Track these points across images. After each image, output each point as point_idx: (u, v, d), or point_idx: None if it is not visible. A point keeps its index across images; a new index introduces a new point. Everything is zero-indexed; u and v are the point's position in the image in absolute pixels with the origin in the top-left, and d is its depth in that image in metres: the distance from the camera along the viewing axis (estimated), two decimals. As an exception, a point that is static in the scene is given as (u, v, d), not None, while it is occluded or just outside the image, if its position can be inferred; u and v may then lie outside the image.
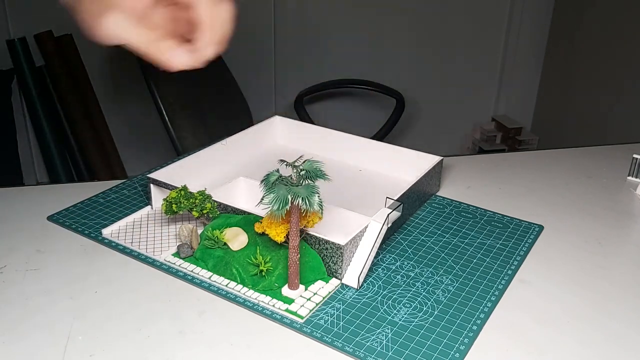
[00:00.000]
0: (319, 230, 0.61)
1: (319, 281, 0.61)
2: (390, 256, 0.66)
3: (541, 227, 0.74)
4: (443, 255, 0.67)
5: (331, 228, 0.66)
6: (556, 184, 0.87)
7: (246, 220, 0.64)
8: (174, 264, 0.64)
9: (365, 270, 0.60)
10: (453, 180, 0.87)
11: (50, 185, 1.75)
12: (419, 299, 0.59)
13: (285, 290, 0.59)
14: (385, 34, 2.40)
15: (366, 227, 0.63)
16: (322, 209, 0.54)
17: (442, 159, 0.81)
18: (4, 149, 2.04)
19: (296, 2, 2.27)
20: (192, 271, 0.62)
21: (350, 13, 2.34)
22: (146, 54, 0.46)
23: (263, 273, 0.59)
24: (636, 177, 0.88)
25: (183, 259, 0.64)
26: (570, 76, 2.41)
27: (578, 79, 2.36)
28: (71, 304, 0.58)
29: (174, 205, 0.65)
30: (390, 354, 0.52)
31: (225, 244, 0.62)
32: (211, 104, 1.84)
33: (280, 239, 0.58)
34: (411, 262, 0.65)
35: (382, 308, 0.58)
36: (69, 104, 2.11)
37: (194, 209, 0.65)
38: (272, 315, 0.56)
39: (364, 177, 0.85)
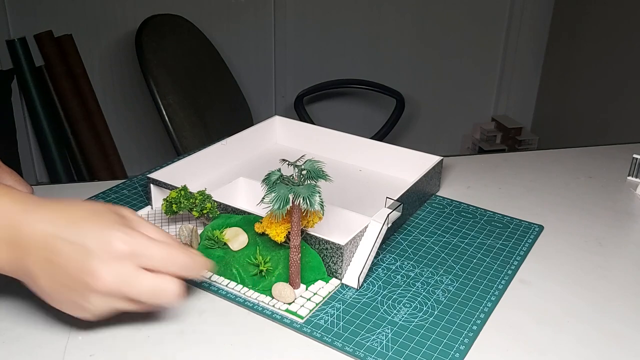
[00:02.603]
0: (319, 230, 0.61)
1: (319, 281, 0.61)
2: (390, 256, 0.66)
3: (541, 227, 0.74)
4: (443, 255, 0.67)
5: (331, 228, 0.66)
6: (556, 184, 0.87)
7: (246, 220, 0.64)
8: (174, 264, 0.63)
9: (365, 270, 0.60)
10: (453, 180, 0.87)
11: (50, 185, 1.75)
12: (419, 299, 0.59)
13: (285, 290, 0.59)
14: (385, 34, 2.41)
15: (366, 227, 0.63)
16: (323, 209, 0.54)
17: (442, 159, 0.81)
18: (4, 149, 2.03)
19: (296, 2, 2.27)
20: (192, 271, 0.62)
21: (351, 13, 2.34)
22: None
23: (263, 273, 0.59)
24: (636, 177, 0.88)
25: (183, 259, 0.64)
26: (570, 76, 2.41)
27: (578, 79, 2.37)
28: (71, 304, 0.58)
29: (174, 205, 0.65)
30: (390, 354, 0.52)
31: (225, 244, 0.62)
32: (211, 104, 1.84)
33: (280, 239, 0.58)
34: (411, 262, 0.65)
35: (382, 308, 0.58)
36: (69, 104, 2.11)
37: (194, 209, 0.65)
38: (272, 315, 0.56)
39: (364, 177, 0.85)
